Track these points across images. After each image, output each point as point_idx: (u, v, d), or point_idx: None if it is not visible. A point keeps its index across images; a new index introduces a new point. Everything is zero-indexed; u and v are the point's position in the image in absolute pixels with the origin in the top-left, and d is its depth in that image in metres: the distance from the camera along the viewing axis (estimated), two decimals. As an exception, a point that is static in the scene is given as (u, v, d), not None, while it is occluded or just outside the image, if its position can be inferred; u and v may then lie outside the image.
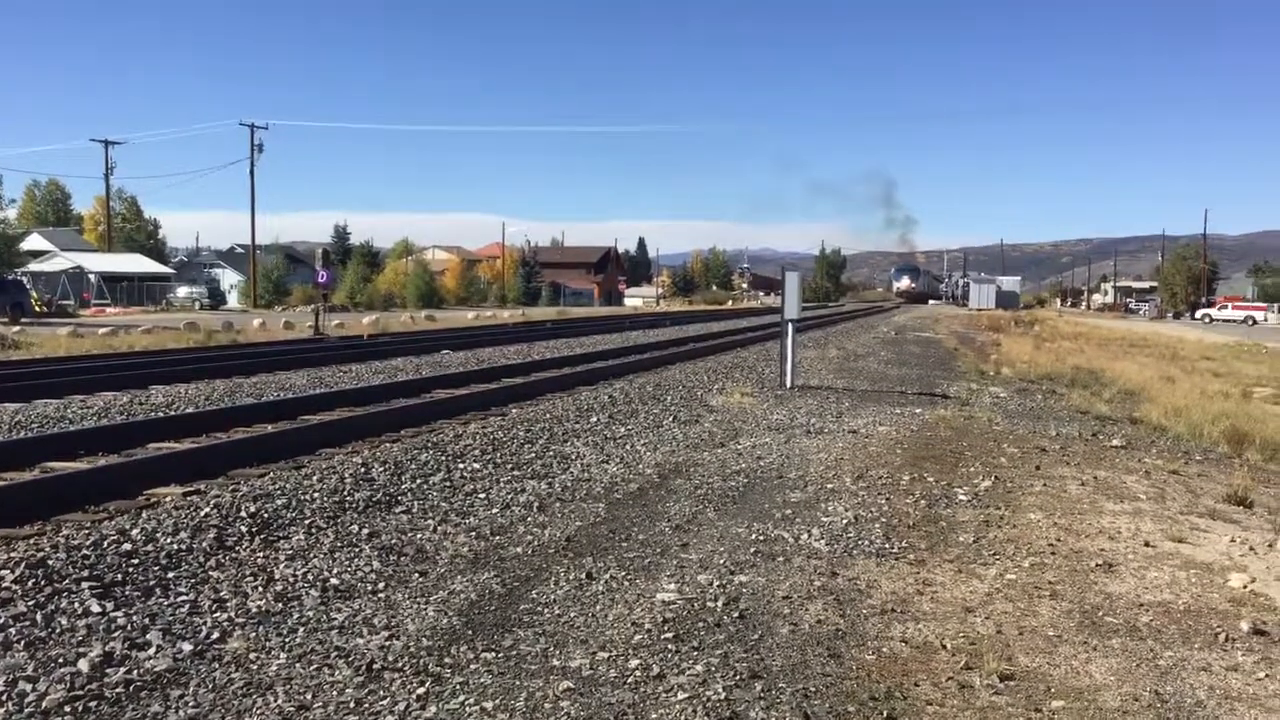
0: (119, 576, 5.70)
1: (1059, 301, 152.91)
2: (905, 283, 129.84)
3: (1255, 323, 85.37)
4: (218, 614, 5.29)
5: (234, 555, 6.29)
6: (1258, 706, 4.56)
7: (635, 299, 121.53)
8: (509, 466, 9.42)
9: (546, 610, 5.52)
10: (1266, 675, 4.90)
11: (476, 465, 9.33)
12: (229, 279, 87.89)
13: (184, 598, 5.50)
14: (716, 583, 6.03)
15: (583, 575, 6.14)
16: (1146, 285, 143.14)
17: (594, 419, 12.42)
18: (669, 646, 5.00)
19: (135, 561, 5.95)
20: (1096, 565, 6.67)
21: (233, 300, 79.48)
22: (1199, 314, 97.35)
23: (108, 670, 4.51)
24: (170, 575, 5.83)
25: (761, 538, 7.12)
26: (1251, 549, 7.40)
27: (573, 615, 5.45)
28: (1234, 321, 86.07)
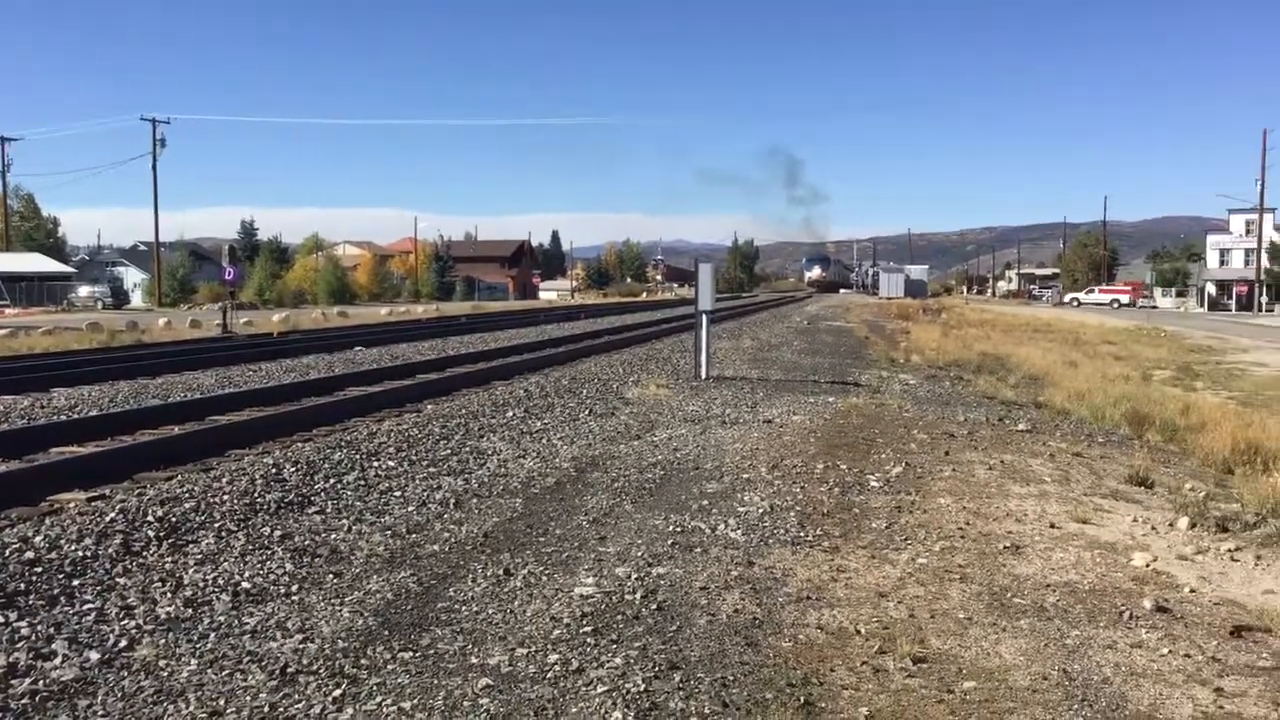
0: (22, 585, 5.53)
1: (965, 289, 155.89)
2: (817, 272, 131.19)
3: (1120, 305, 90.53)
4: (125, 621, 5.16)
5: (141, 561, 6.14)
6: (1162, 682, 4.70)
7: (550, 292, 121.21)
8: (424, 464, 9.34)
9: (464, 608, 5.49)
10: (1169, 651, 5.06)
11: (391, 463, 9.24)
12: (132, 277, 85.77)
13: (90, 605, 5.36)
14: (634, 575, 6.05)
15: (500, 571, 6.11)
16: (1049, 272, 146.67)
17: (510, 414, 12.37)
18: (588, 640, 5.00)
19: (39, 570, 5.78)
20: (1004, 547, 6.83)
21: (137, 299, 77.60)
22: (1068, 298, 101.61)
23: (12, 681, 4.38)
24: (75, 583, 5.68)
25: (679, 529, 7.16)
26: (1153, 528, 7.63)
27: (491, 612, 5.43)
28: (1101, 304, 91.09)
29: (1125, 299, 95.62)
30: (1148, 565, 6.53)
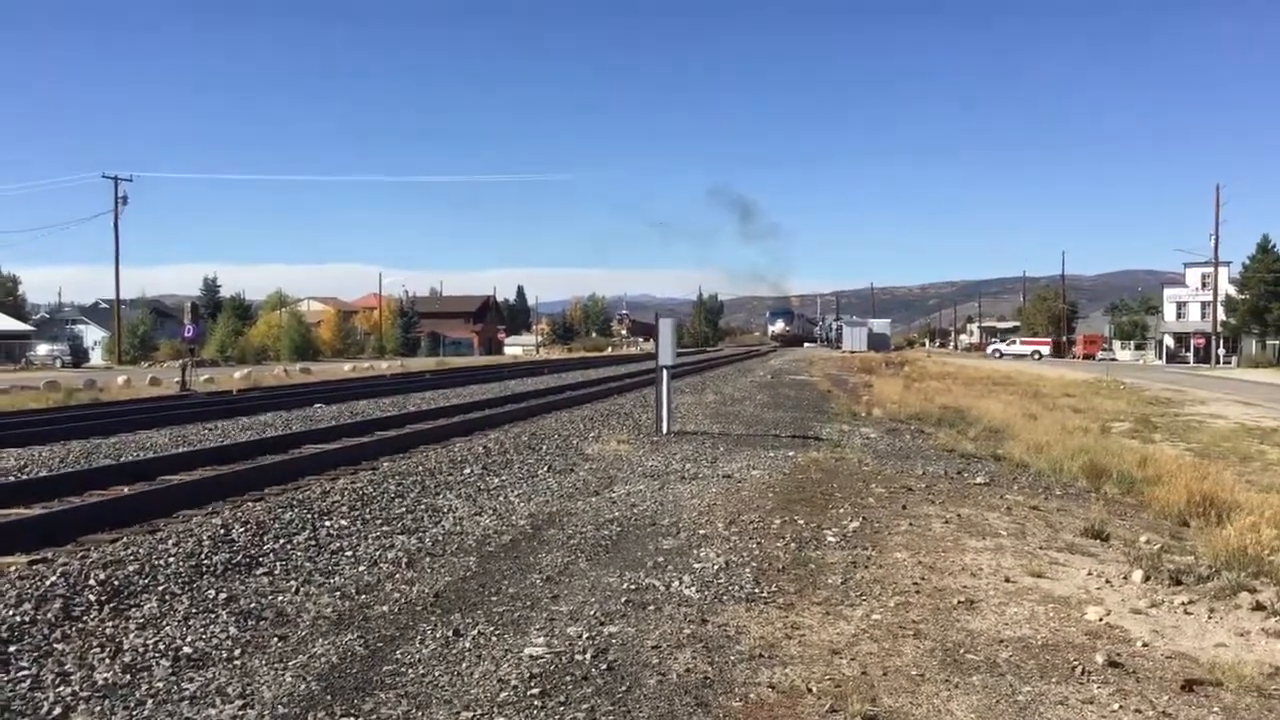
0: (-46, 653, 5.39)
1: (927, 342, 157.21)
2: (780, 326, 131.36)
3: (1041, 356, 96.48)
4: (61, 688, 5.03)
5: (81, 626, 6.00)
6: (1111, 737, 4.67)
7: (515, 347, 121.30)
8: (378, 522, 9.23)
9: (410, 670, 5.39)
10: (1120, 707, 5.03)
11: (344, 522, 9.12)
12: (93, 335, 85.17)
13: (25, 672, 5.22)
14: (586, 635, 5.97)
15: (450, 632, 6.02)
16: (1010, 325, 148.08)
17: (467, 471, 12.27)
18: (535, 703, 4.91)
19: (-28, 636, 5.64)
20: (959, 603, 6.80)
21: (97, 357, 76.91)
22: (990, 349, 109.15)
23: (-65, 755, 4.25)
24: (12, 649, 5.53)
25: (633, 587, 7.09)
26: (1108, 581, 7.63)
27: (437, 674, 5.33)
28: (1023, 355, 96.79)
29: (1045, 350, 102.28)
30: (1101, 619, 6.51)
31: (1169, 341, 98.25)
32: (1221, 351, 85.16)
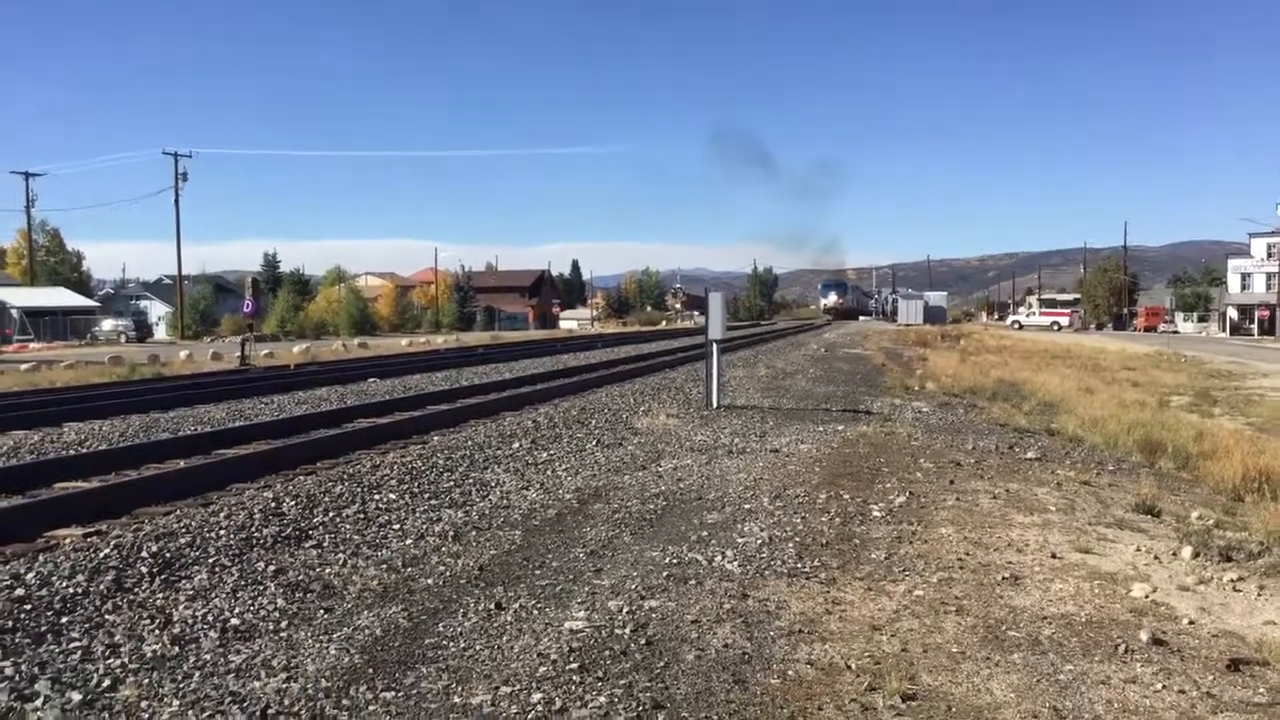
0: (10, 623, 5.53)
1: (985, 315, 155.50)
2: (833, 299, 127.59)
3: (1060, 327, 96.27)
4: (110, 660, 5.14)
5: (132, 597, 6.13)
6: (1154, 719, 4.62)
7: (570, 322, 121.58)
8: (426, 496, 9.33)
9: (452, 644, 5.45)
10: (1163, 686, 4.97)
11: (393, 496, 9.23)
12: (156, 310, 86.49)
13: (77, 644, 5.34)
14: (626, 609, 6.00)
15: (492, 605, 6.08)
16: (1070, 297, 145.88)
17: (516, 445, 12.35)
18: (573, 678, 4.95)
19: (28, 607, 5.78)
20: (1003, 579, 6.75)
21: (160, 332, 78.14)
22: (1009, 320, 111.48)
23: (-10, 723, 4.37)
24: (64, 620, 5.67)
25: (675, 561, 7.10)
26: (1156, 558, 7.53)
27: (478, 648, 5.38)
28: (1041, 326, 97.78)
29: (1065, 321, 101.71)
30: (1147, 596, 6.43)
31: (1232, 313, 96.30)
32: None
